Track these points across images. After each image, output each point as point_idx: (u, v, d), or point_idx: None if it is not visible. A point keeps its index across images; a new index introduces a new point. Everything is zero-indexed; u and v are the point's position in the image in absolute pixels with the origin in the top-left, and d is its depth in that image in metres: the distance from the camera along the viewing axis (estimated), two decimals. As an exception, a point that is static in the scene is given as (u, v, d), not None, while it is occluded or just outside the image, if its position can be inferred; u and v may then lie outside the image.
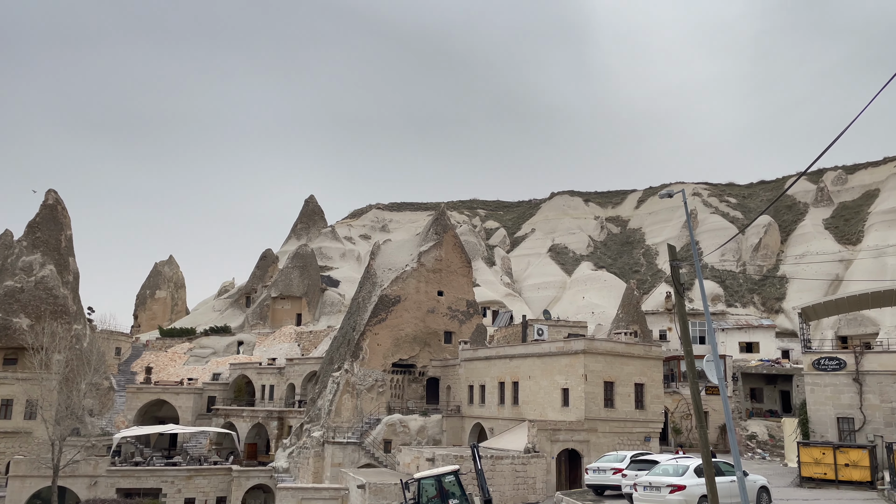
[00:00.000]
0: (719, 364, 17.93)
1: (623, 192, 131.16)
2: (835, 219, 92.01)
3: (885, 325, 63.48)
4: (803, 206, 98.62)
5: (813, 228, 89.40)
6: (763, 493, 21.75)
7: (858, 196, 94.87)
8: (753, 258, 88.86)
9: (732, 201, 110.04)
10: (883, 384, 32.00)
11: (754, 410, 55.93)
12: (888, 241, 76.57)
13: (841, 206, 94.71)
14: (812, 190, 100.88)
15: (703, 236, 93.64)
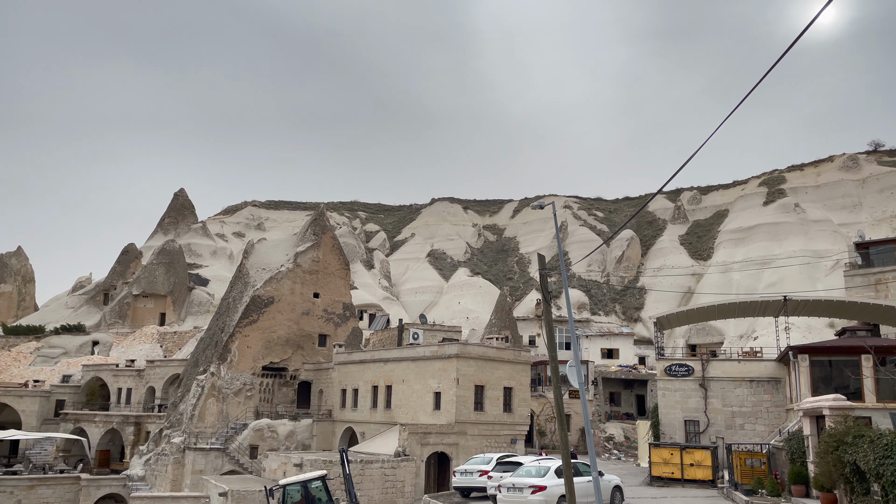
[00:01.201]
0: (580, 369, 18.84)
1: (500, 202, 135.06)
2: (689, 235, 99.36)
3: (729, 335, 69.31)
4: (662, 222, 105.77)
5: (670, 244, 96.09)
6: (616, 491, 23.04)
7: (710, 215, 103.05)
8: (617, 269, 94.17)
9: (600, 215, 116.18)
10: (725, 389, 34.92)
11: (613, 413, 59.18)
12: (734, 258, 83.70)
13: (695, 224, 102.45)
14: (670, 208, 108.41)
15: (572, 247, 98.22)
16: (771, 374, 34.38)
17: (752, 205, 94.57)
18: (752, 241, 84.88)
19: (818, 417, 20.56)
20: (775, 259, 77.56)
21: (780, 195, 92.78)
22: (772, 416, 33.67)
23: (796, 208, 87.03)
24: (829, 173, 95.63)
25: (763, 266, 77.86)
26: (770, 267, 76.61)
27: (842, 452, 17.01)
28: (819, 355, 28.94)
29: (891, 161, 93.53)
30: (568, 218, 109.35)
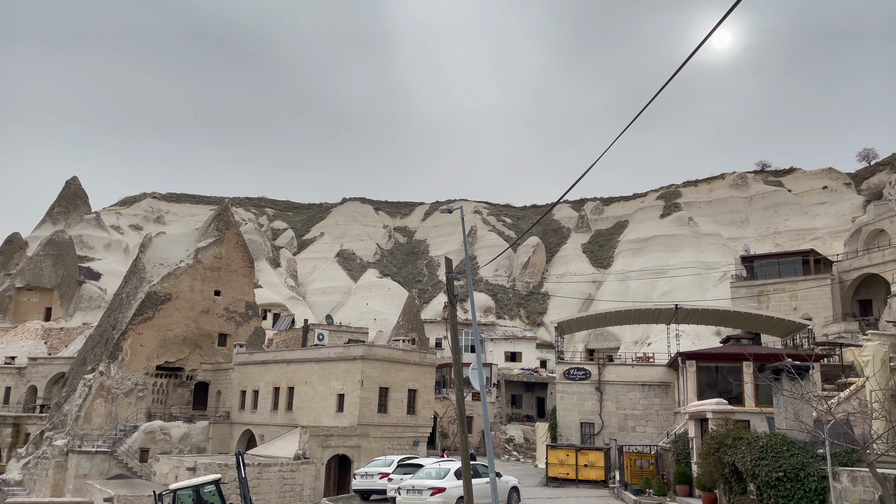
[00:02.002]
0: (483, 372, 19.16)
1: (412, 204, 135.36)
2: (591, 244, 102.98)
3: (625, 341, 72.29)
4: (567, 230, 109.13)
5: (573, 251, 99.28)
6: (514, 492, 23.55)
7: (611, 225, 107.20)
8: (522, 275, 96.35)
9: (508, 221, 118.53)
10: (619, 393, 36.41)
11: (514, 416, 60.44)
12: (632, 267, 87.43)
13: (597, 234, 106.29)
14: (575, 217, 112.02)
15: (481, 252, 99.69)
16: (662, 379, 36.12)
17: (650, 217, 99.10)
18: (649, 252, 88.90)
19: (702, 420, 21.77)
20: (669, 269, 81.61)
21: (676, 209, 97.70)
22: (661, 418, 35.38)
23: (690, 222, 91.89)
24: (720, 190, 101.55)
25: (658, 275, 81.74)
26: (664, 276, 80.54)
27: (722, 454, 18.07)
28: (705, 361, 30.67)
29: (776, 181, 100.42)
30: (477, 223, 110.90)
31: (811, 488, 14.64)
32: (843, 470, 14.08)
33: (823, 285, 52.78)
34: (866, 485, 13.22)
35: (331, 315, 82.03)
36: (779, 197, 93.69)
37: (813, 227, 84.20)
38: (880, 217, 57.22)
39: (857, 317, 51.12)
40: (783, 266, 55.93)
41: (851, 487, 13.77)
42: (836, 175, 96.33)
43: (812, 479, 14.66)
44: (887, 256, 50.12)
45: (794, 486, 14.90)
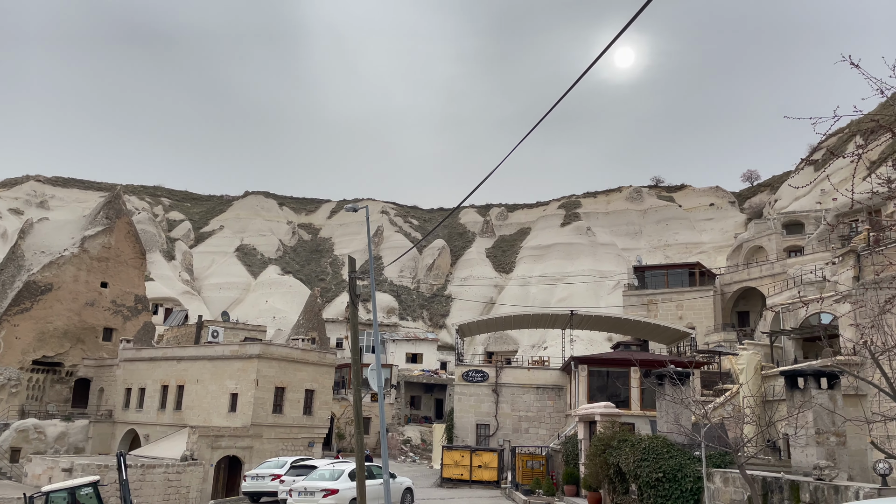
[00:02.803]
0: (382, 373, 19.10)
1: (318, 201, 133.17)
2: (495, 249, 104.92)
3: (523, 344, 74.08)
4: (472, 235, 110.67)
5: (477, 256, 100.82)
6: (407, 493, 23.61)
7: (515, 232, 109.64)
8: (427, 277, 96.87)
9: (415, 223, 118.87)
10: (515, 395, 37.26)
11: (412, 417, 60.63)
12: (532, 273, 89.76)
13: (501, 239, 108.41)
14: (480, 222, 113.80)
15: (387, 252, 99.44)
16: (555, 382, 37.27)
17: (551, 225, 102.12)
18: (549, 259, 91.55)
19: (591, 423, 22.62)
20: (568, 276, 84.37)
21: (576, 218, 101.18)
22: (554, 420, 36.49)
23: (588, 231, 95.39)
24: (617, 202, 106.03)
25: (557, 282, 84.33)
26: (563, 283, 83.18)
27: (608, 455, 18.85)
28: (596, 366, 31.91)
29: (668, 196, 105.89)
30: (384, 223, 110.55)
31: (687, 488, 15.51)
32: (716, 471, 15.01)
33: (707, 296, 56.07)
34: (737, 485, 14.15)
35: (227, 312, 79.35)
36: (670, 212, 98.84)
37: (700, 242, 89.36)
38: (759, 235, 61.46)
39: (736, 327, 54.64)
40: (671, 277, 59.01)
41: (723, 488, 14.70)
42: (722, 193, 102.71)
43: (688, 480, 15.55)
44: (764, 272, 53.88)
45: (672, 486, 15.75)
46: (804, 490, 11.97)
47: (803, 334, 32.61)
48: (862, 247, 16.41)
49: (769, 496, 12.91)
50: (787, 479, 12.49)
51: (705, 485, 14.76)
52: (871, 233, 16.94)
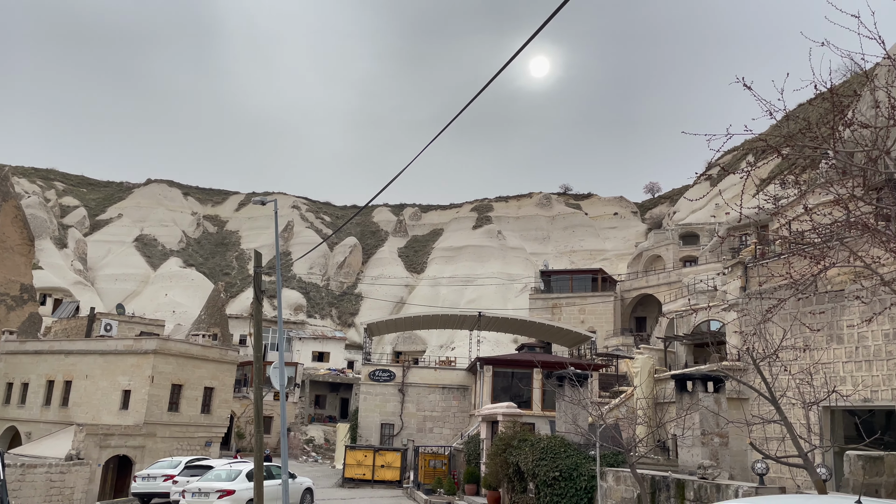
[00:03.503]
0: (285, 371, 18.70)
1: (226, 193, 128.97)
2: (407, 249, 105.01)
3: (431, 345, 74.47)
4: (385, 234, 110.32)
5: (390, 255, 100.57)
6: (307, 494, 23.23)
7: (427, 232, 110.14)
8: (338, 275, 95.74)
9: (327, 219, 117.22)
10: (421, 395, 37.39)
11: (316, 416, 59.73)
12: (443, 274, 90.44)
13: (413, 239, 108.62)
14: (394, 221, 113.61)
15: (297, 248, 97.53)
16: (461, 382, 37.67)
17: (463, 227, 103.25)
18: (460, 260, 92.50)
19: (493, 422, 23.01)
20: (477, 278, 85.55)
21: (487, 222, 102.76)
22: (458, 420, 36.86)
23: (499, 235, 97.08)
24: (527, 208, 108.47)
25: (467, 283, 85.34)
26: (472, 285, 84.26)
27: (508, 454, 19.21)
28: (501, 367, 32.48)
29: (575, 204, 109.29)
30: (295, 218, 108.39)
31: (582, 487, 16.03)
32: (609, 470, 15.58)
33: (608, 302, 58.21)
34: (627, 484, 14.73)
35: (123, 305, 75.53)
36: (577, 219, 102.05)
37: (603, 249, 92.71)
38: (658, 244, 64.40)
39: (634, 332, 57.01)
40: (576, 282, 60.90)
41: (615, 486, 15.28)
42: (625, 203, 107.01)
43: (583, 479, 16.07)
44: (661, 280, 56.49)
45: (567, 484, 16.23)
46: (689, 488, 12.62)
47: (694, 340, 34.42)
48: (749, 259, 17.50)
49: (657, 494, 13.53)
50: (674, 478, 13.12)
51: (599, 483, 15.31)
52: (758, 246, 18.15)
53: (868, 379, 14.62)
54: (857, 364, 14.82)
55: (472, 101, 6.64)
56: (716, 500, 11.56)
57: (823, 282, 14.19)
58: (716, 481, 12.10)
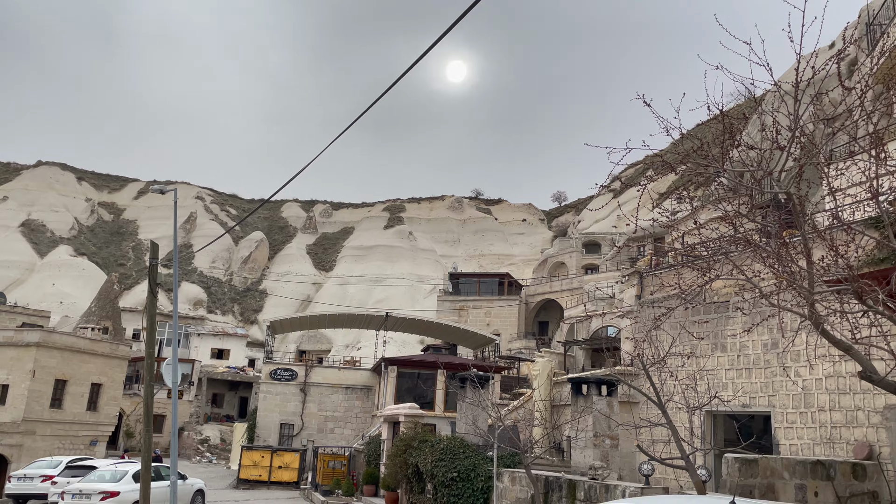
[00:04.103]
0: (178, 368, 17.94)
1: (124, 179, 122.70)
2: (316, 246, 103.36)
3: (337, 344, 73.57)
4: (294, 230, 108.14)
5: (297, 251, 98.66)
6: (198, 495, 22.40)
7: (338, 230, 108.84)
8: (242, 270, 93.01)
9: (233, 212, 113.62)
10: (323, 395, 36.86)
11: (213, 415, 57.75)
12: (353, 273, 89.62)
13: (323, 237, 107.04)
14: (303, 217, 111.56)
15: (199, 240, 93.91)
16: (365, 383, 37.42)
17: (374, 226, 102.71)
18: (370, 260, 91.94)
19: (395, 423, 22.97)
20: (387, 278, 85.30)
21: (399, 222, 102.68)
22: (360, 420, 36.59)
23: (410, 236, 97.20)
24: (439, 210, 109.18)
25: (376, 283, 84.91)
26: (381, 285, 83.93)
27: (408, 455, 19.22)
28: (405, 368, 32.50)
29: (486, 209, 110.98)
30: (199, 210, 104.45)
31: (479, 487, 16.26)
32: (505, 471, 15.87)
33: (513, 305, 59.41)
34: (522, 484, 15.06)
35: (4, 293, 70.44)
36: (487, 223, 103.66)
37: (511, 254, 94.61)
38: (563, 252, 66.36)
39: (536, 336, 58.43)
40: (483, 285, 61.82)
41: (511, 486, 15.59)
42: (534, 211, 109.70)
43: (480, 479, 16.30)
44: (564, 286, 58.20)
45: (465, 485, 16.42)
46: (580, 489, 13.04)
47: (592, 345, 35.67)
48: (645, 269, 18.31)
49: (550, 494, 13.90)
50: (566, 479, 13.52)
51: (495, 484, 15.57)
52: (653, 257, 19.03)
53: (747, 385, 15.60)
54: (738, 371, 15.78)
55: (377, 99, 6.60)
56: (604, 500, 11.99)
57: (710, 293, 15.04)
58: (605, 482, 12.56)
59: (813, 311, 6.98)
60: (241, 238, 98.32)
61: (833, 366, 13.53)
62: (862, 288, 6.95)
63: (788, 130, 7.60)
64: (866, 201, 8.15)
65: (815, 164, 8.21)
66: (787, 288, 7.51)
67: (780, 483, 11.69)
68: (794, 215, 7.84)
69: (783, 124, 7.84)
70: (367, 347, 63.66)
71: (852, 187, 11.78)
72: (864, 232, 8.47)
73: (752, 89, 8.24)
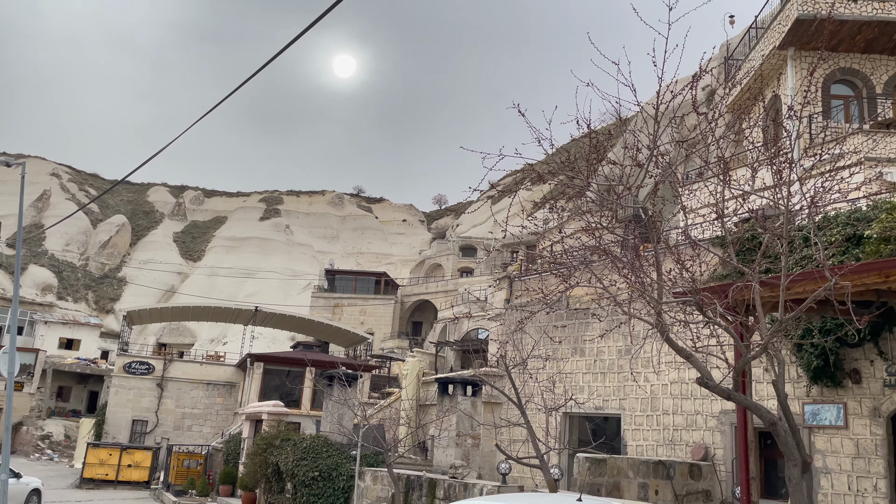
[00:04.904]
0: (15, 357, 16.43)
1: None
2: (185, 234, 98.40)
3: (202, 338, 70.35)
4: (161, 215, 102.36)
5: (163, 238, 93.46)
6: (34, 495, 20.61)
7: (209, 219, 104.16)
8: (100, 255, 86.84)
9: (93, 193, 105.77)
10: (182, 391, 35.09)
11: (58, 410, 53.44)
12: (223, 264, 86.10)
13: (192, 224, 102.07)
14: (172, 203, 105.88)
15: (53, 221, 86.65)
16: (229, 379, 36.03)
17: (249, 217, 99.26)
18: (242, 251, 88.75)
19: (258, 421, 22.27)
20: (260, 272, 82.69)
21: (276, 214, 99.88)
22: (221, 418, 35.17)
23: (287, 229, 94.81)
24: (319, 205, 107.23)
25: (248, 276, 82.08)
26: (254, 278, 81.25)
27: (269, 454, 18.70)
28: (272, 364, 31.64)
29: (367, 206, 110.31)
30: (54, 187, 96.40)
31: (340, 486, 16.08)
32: (368, 470, 15.81)
33: (388, 305, 59.49)
34: (384, 483, 15.06)
35: None
36: (367, 221, 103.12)
37: (390, 254, 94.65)
38: (440, 254, 67.29)
39: (410, 336, 58.84)
40: (359, 283, 61.45)
41: (373, 485, 15.54)
42: (414, 212, 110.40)
43: (342, 479, 16.14)
44: (439, 287, 59.01)
45: (326, 484, 16.18)
46: (440, 487, 13.21)
47: (462, 346, 36.34)
48: (515, 274, 18.89)
49: (410, 493, 13.99)
50: (427, 478, 13.67)
51: (357, 483, 15.46)
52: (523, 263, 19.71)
53: (602, 389, 16.48)
54: (594, 375, 16.63)
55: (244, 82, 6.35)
56: (462, 498, 12.22)
57: (573, 300, 15.75)
58: (464, 481, 12.81)
59: (660, 320, 7.45)
60: (101, 221, 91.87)
61: (678, 372, 14.57)
62: (703, 300, 7.51)
63: (648, 150, 8.09)
64: (713, 221, 8.82)
65: (671, 184, 8.79)
66: (638, 297, 7.97)
67: (626, 482, 12.43)
68: (647, 230, 8.35)
69: (644, 143, 8.34)
70: (233, 342, 61.33)
71: (702, 208, 12.76)
72: (709, 249, 9.17)
73: (619, 109, 8.69)
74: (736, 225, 11.74)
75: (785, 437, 7.33)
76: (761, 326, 7.54)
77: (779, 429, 7.33)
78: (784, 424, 7.40)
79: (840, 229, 11.26)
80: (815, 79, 18.52)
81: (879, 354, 11.20)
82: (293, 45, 5.71)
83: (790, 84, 19.08)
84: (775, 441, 7.72)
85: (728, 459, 13.57)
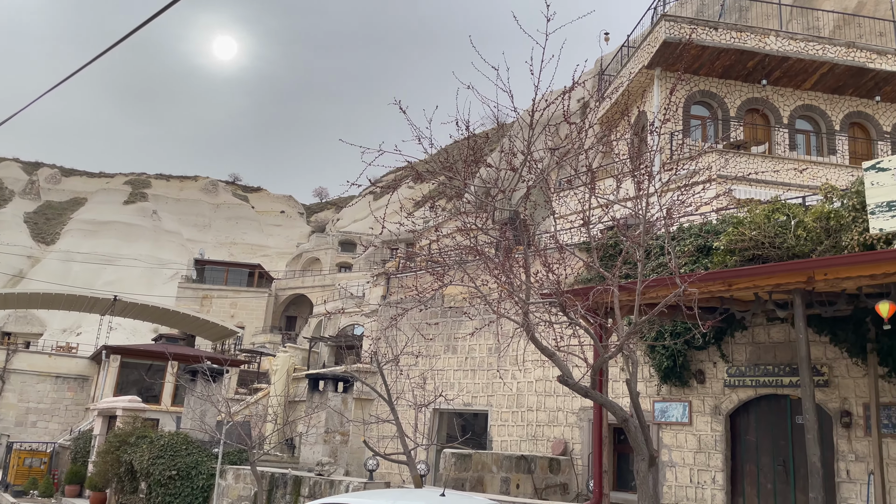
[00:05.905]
0: None
1: None
2: (38, 215, 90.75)
3: (53, 327, 65.04)
4: (10, 193, 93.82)
5: (12, 218, 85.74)
6: None
7: (67, 199, 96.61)
8: (-66, 233, 78.20)
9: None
10: (27, 384, 32.32)
11: None
12: (80, 248, 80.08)
13: (47, 205, 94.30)
14: (24, 180, 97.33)
15: None
16: (81, 372, 33.60)
17: (112, 200, 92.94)
18: (103, 236, 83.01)
19: (111, 417, 20.91)
20: (121, 259, 77.63)
21: (142, 199, 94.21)
22: (70, 413, 32.74)
23: (154, 215, 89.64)
24: (190, 191, 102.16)
25: (108, 263, 76.86)
26: (114, 265, 76.19)
27: (122, 452, 17.59)
28: (130, 357, 29.83)
29: (243, 196, 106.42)
30: None
31: (199, 485, 15.41)
32: (229, 468, 15.25)
33: (261, 298, 57.77)
34: (247, 481, 14.58)
35: None
36: (242, 211, 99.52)
37: (266, 245, 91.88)
38: (318, 247, 66.18)
39: (283, 330, 57.42)
40: (231, 275, 59.21)
41: (234, 484, 15.01)
42: (293, 203, 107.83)
43: (202, 477, 15.47)
44: (316, 282, 58.05)
45: (184, 483, 15.46)
46: (305, 485, 12.98)
47: (337, 342, 35.89)
48: (392, 271, 18.92)
49: (274, 491, 13.64)
50: (293, 475, 13.39)
51: (217, 482, 14.88)
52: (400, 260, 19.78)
53: (472, 386, 16.85)
54: (465, 372, 16.98)
55: (102, 54, 5.92)
56: (328, 496, 12.07)
57: (447, 298, 16.00)
58: (331, 478, 12.66)
59: (526, 319, 7.72)
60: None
61: (542, 370, 15.17)
62: (566, 302, 7.86)
63: (523, 155, 8.36)
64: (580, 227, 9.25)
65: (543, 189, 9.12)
66: (507, 297, 8.22)
67: (489, 476, 12.78)
68: (520, 233, 8.63)
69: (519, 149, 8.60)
70: (89, 333, 57.09)
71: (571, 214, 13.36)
72: (575, 253, 9.61)
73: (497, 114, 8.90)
74: (601, 232, 12.39)
75: (635, 433, 7.82)
76: (619, 328, 8.00)
77: (630, 425, 7.81)
78: (635, 421, 7.88)
79: (692, 240, 12.16)
80: (676, 98, 19.88)
81: (722, 357, 12.21)
82: (169, 20, 5.38)
83: (656, 102, 20.37)
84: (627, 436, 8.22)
85: (585, 454, 14.28)
